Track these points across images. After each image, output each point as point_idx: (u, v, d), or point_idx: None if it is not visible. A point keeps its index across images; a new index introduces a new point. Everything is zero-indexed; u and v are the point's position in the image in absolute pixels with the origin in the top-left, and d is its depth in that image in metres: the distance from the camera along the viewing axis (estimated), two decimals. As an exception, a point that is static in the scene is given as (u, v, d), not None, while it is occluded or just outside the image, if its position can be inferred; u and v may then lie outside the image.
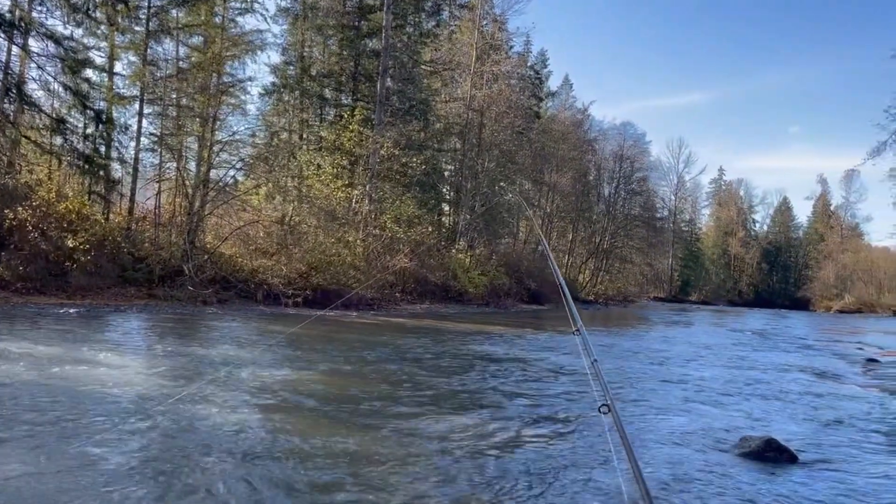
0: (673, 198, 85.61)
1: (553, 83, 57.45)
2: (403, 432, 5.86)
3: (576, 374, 10.32)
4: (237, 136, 22.09)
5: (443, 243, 31.61)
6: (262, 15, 25.15)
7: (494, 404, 7.52)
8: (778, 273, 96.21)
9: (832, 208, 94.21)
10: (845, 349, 19.02)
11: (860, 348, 19.28)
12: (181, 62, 23.29)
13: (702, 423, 7.09)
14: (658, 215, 70.09)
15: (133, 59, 22.19)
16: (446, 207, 38.47)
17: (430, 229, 28.53)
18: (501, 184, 39.78)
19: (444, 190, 38.02)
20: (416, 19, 33.41)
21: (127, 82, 21.66)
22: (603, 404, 2.80)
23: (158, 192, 21.76)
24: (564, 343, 15.76)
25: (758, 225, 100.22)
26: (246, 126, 23.67)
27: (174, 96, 22.99)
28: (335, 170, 26.45)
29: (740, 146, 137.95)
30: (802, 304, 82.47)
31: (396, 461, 4.97)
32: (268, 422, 5.91)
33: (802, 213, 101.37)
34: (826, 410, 8.35)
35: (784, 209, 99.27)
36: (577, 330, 3.50)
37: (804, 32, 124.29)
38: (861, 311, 71.01)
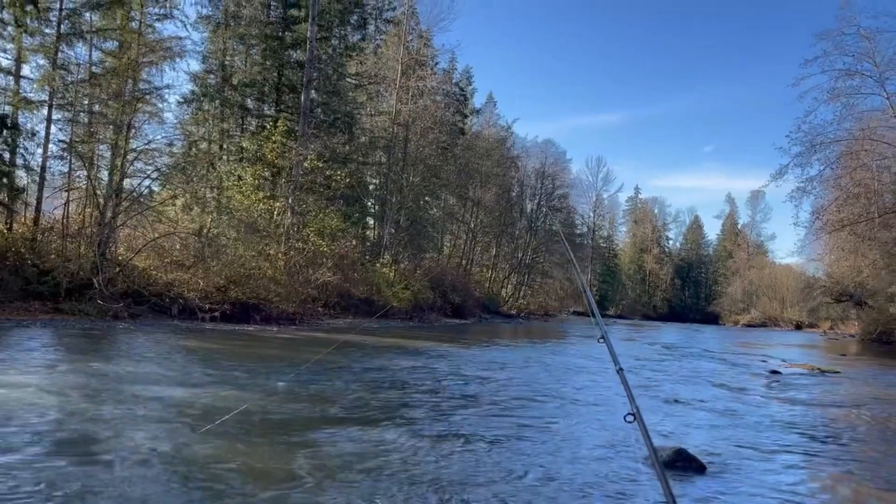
0: (592, 215, 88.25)
1: (477, 100, 58.27)
2: (318, 449, 5.78)
3: (513, 388, 10.44)
4: (153, 145, 21.34)
5: (367, 257, 31.47)
6: (181, 22, 24.55)
7: (431, 419, 7.51)
8: (690, 288, 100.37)
9: (739, 227, 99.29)
10: (751, 361, 19.96)
11: (764, 360, 20.27)
12: (94, 67, 22.37)
13: (615, 434, 7.29)
14: (578, 231, 72.08)
15: (42, 62, 21.15)
16: (371, 221, 38.35)
17: (354, 243, 28.34)
18: (426, 198, 40.01)
19: (369, 204, 37.92)
20: (342, 32, 33.34)
21: (35, 86, 20.61)
22: (629, 413, 2.81)
23: (67, 202, 20.73)
24: (496, 356, 15.93)
25: (671, 242, 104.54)
26: (163, 135, 22.86)
27: (86, 102, 22.04)
28: (256, 181, 25.94)
29: (656, 165, 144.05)
30: (712, 319, 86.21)
31: (307, 479, 4.90)
32: (178, 443, 5.71)
33: (712, 231, 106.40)
34: (733, 421, 8.74)
35: (695, 227, 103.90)
36: (602, 338, 3.54)
37: (716, 56, 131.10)
38: (766, 325, 74.79)
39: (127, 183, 20.89)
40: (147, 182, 21.79)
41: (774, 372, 16.22)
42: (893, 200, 27.13)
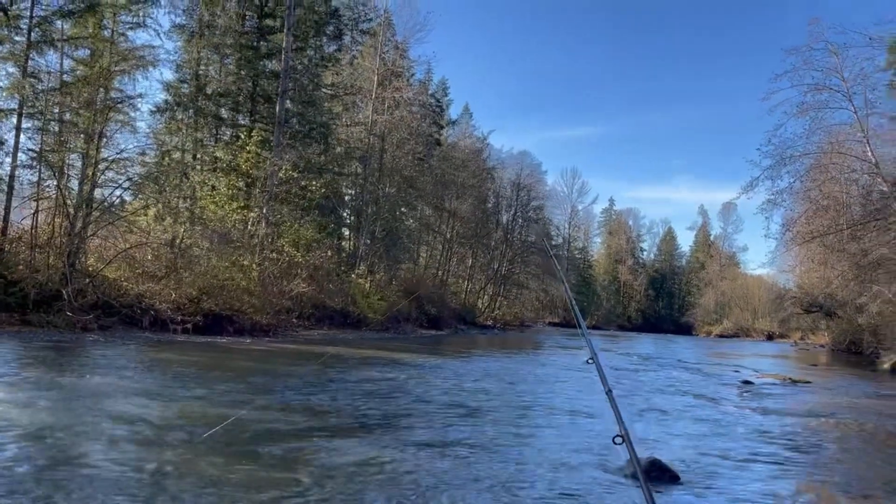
0: (567, 226, 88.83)
1: (453, 112, 58.52)
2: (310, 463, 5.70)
3: (480, 399, 10.41)
4: (125, 155, 21.04)
5: (342, 268, 31.31)
6: (155, 31, 24.24)
7: (406, 429, 7.45)
8: (664, 299, 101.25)
9: (712, 238, 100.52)
10: (724, 372, 20.16)
11: (737, 371, 20.48)
12: (65, 75, 22.05)
13: (591, 445, 7.30)
14: (553, 242, 72.46)
15: (12, 70, 20.77)
16: (346, 232, 38.20)
17: (329, 254, 28.18)
18: (402, 209, 39.98)
19: (345, 214, 37.77)
20: (318, 42, 33.25)
21: (4, 95, 20.24)
22: (617, 435, 2.77)
23: (36, 212, 20.35)
24: (475, 367, 15.89)
25: (645, 253, 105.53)
26: (135, 144, 22.58)
27: (56, 111, 21.69)
28: (231, 191, 25.71)
29: (630, 177, 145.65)
30: (686, 329, 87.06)
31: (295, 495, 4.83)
32: (148, 456, 5.60)
33: (685, 242, 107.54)
34: (706, 431, 8.80)
35: (669, 238, 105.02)
36: (591, 359, 3.50)
37: (688, 70, 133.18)
38: (738, 336, 75.72)
39: (98, 193, 20.60)
40: (118, 192, 21.51)
41: (747, 382, 16.38)
42: (861, 212, 27.66)
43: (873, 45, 22.63)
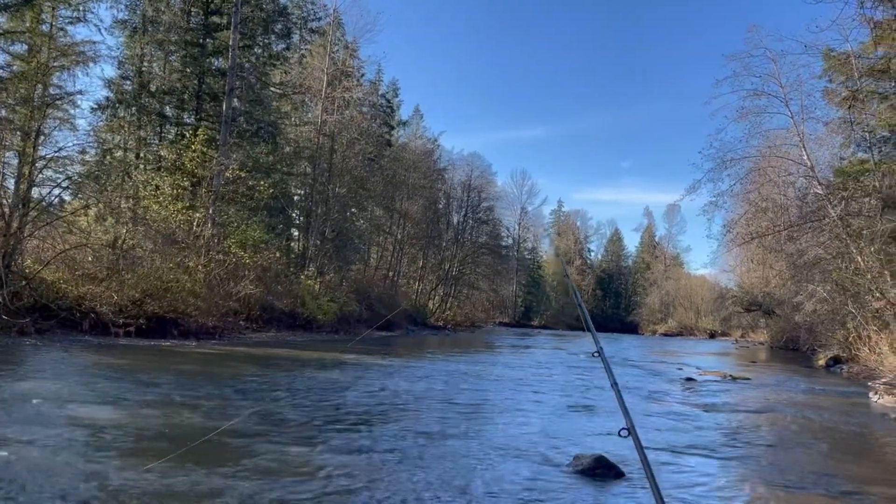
0: (517, 227, 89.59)
1: (404, 112, 58.38)
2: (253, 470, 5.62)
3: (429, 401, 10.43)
4: (64, 153, 20.37)
5: (291, 269, 30.94)
6: (95, 26, 23.54)
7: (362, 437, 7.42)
8: (611, 299, 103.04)
9: (657, 239, 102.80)
10: (668, 369, 20.66)
11: (680, 368, 21.00)
12: (1, 70, 21.24)
13: (539, 443, 7.41)
14: (503, 243, 73.04)
15: (-58, 63, 19.94)
16: (296, 232, 37.77)
17: (277, 255, 27.80)
18: (353, 209, 39.72)
19: (294, 215, 37.34)
20: (266, 41, 32.79)
21: (-67, 89, 19.39)
22: (623, 428, 2.82)
23: (-32, 212, 19.56)
24: (429, 369, 15.91)
25: (593, 254, 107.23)
26: (75, 142, 21.85)
27: (-9, 107, 20.89)
28: (175, 191, 25.13)
29: (578, 179, 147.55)
30: (632, 328, 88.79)
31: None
32: (94, 463, 5.45)
33: (631, 243, 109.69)
34: (650, 427, 9.01)
35: (615, 239, 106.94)
36: (597, 352, 3.54)
37: (634, 74, 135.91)
38: (682, 334, 77.59)
39: (35, 192, 19.86)
40: (57, 191, 20.78)
41: (690, 379, 16.82)
42: (798, 214, 28.63)
43: (809, 52, 23.42)
